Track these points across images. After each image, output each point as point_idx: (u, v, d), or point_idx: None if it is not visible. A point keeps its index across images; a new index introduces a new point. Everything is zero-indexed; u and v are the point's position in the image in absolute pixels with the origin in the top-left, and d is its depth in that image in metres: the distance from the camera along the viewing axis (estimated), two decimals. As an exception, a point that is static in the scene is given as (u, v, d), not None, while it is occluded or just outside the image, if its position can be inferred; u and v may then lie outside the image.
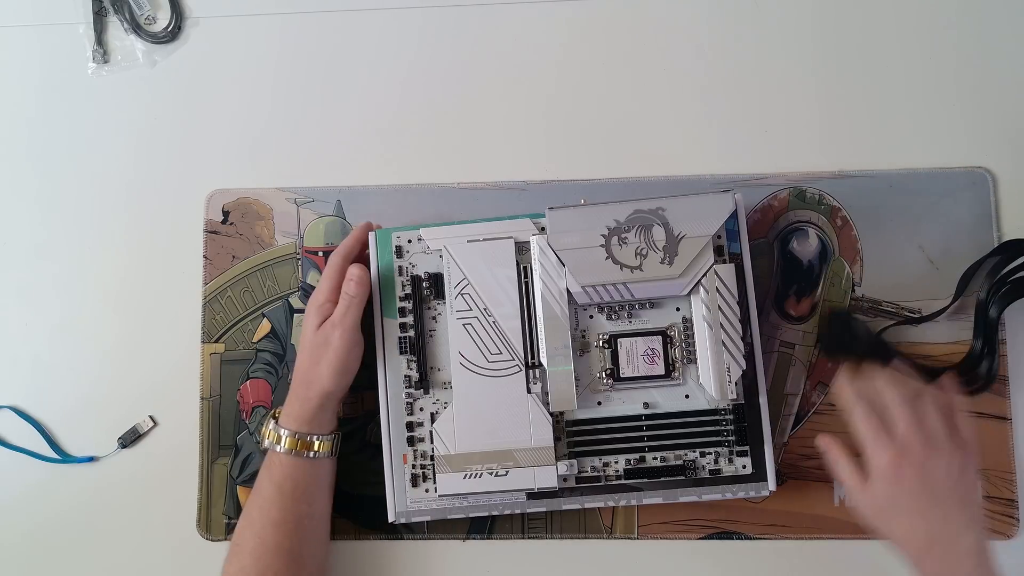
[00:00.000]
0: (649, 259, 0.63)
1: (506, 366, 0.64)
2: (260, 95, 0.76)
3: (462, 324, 0.65)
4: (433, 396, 0.65)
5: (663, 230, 0.63)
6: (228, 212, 0.74)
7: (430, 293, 0.66)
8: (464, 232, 0.66)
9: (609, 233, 0.63)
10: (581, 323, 0.65)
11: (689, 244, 0.63)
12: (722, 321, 0.63)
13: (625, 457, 0.64)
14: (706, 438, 0.64)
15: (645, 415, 0.64)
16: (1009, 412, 0.69)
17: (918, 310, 0.70)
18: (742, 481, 0.64)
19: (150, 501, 0.72)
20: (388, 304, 0.66)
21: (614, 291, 0.64)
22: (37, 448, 0.73)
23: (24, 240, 0.75)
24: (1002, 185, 0.71)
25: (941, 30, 0.74)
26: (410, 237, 0.67)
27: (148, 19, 0.76)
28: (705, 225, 0.63)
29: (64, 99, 0.76)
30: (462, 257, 0.65)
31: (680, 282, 0.63)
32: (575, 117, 0.74)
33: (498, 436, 0.64)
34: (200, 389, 0.72)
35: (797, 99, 0.74)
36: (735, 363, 0.63)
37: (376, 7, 0.76)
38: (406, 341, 0.65)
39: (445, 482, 0.64)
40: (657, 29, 0.75)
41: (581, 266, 0.63)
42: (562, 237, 0.64)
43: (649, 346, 0.64)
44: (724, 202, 0.64)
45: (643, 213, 0.63)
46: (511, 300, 0.65)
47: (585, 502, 0.65)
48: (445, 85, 0.75)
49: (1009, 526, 0.69)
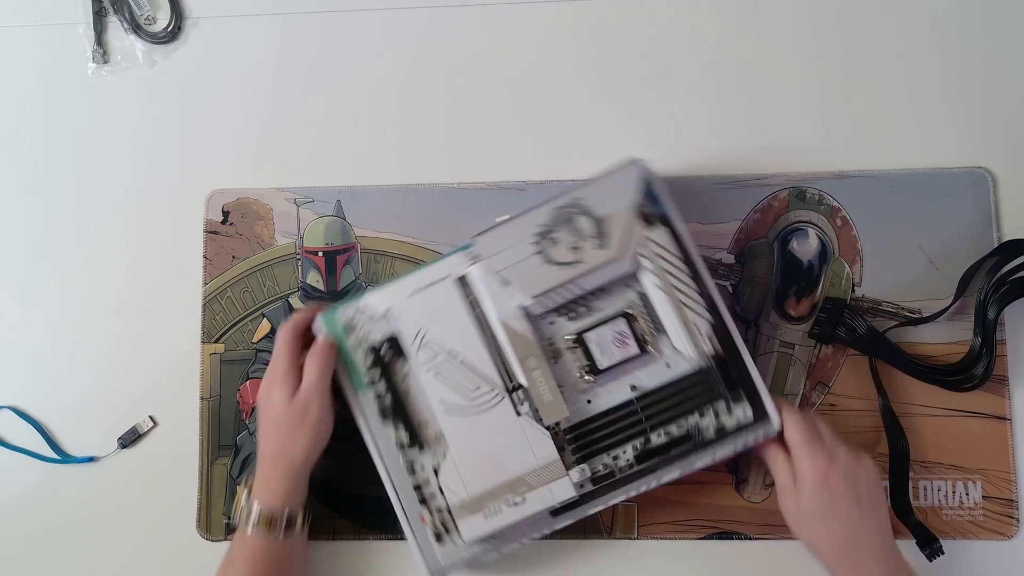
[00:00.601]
0: (585, 249, 0.63)
1: (489, 398, 0.63)
2: (260, 95, 0.76)
3: (433, 374, 0.64)
4: (429, 450, 0.64)
5: (586, 218, 0.63)
6: (228, 212, 0.74)
7: (392, 355, 0.65)
8: (402, 288, 0.65)
9: (539, 239, 0.63)
10: (545, 332, 0.65)
11: (615, 223, 0.63)
12: (674, 283, 0.63)
13: (631, 444, 0.63)
14: (700, 399, 0.63)
15: (635, 398, 0.64)
16: (1009, 412, 0.69)
17: (918, 310, 0.70)
18: (748, 428, 0.63)
19: (150, 501, 0.72)
20: (355, 379, 0.65)
21: (564, 291, 0.63)
22: (37, 448, 0.73)
23: (24, 240, 0.75)
24: (1002, 185, 0.71)
25: (941, 30, 0.74)
26: (353, 311, 0.65)
27: (148, 19, 0.76)
28: (622, 200, 0.63)
29: (64, 99, 0.76)
30: (409, 312, 0.64)
31: (622, 261, 0.63)
32: (575, 117, 0.74)
33: (504, 467, 0.63)
34: (200, 389, 0.72)
35: (797, 99, 0.74)
36: (700, 318, 0.63)
37: (376, 7, 0.76)
38: (386, 408, 0.64)
39: (468, 527, 0.63)
40: (657, 29, 0.75)
41: (525, 279, 0.63)
42: (497, 259, 0.63)
43: (615, 331, 0.64)
44: (630, 172, 0.64)
45: (563, 209, 0.63)
46: (471, 335, 0.64)
47: (609, 500, 0.64)
48: (445, 85, 0.75)
49: (1009, 526, 0.69)
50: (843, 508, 0.60)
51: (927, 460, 0.69)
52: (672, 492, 0.70)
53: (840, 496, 0.60)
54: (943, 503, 0.69)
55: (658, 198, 0.64)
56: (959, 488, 0.69)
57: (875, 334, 0.68)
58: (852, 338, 0.69)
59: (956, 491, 0.69)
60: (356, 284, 0.73)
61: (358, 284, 0.73)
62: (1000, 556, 0.69)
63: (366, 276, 0.73)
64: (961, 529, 0.69)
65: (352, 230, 0.73)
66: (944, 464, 0.69)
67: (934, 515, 0.69)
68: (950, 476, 0.69)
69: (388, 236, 0.73)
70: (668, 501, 0.70)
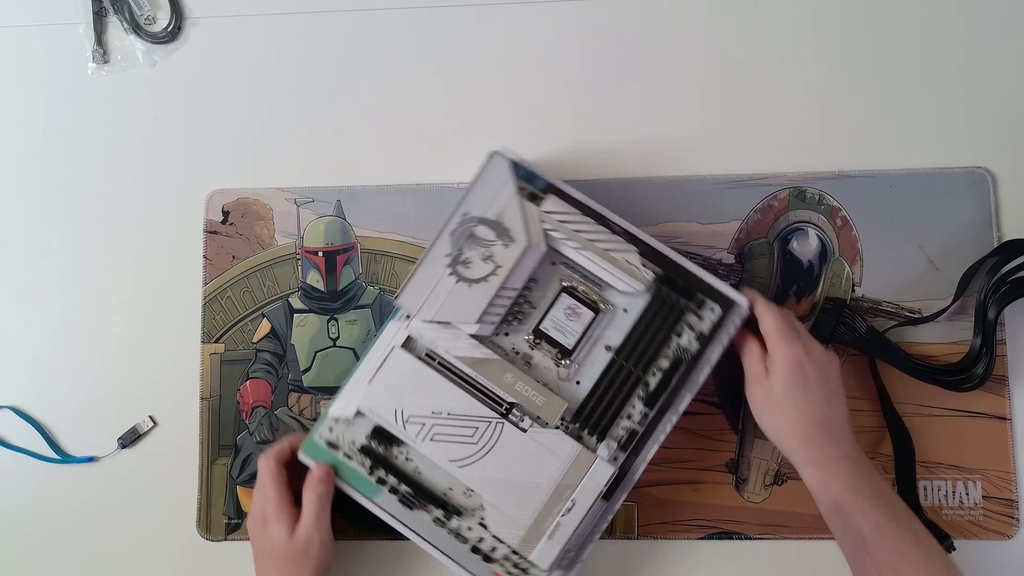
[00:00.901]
0: (497, 254, 0.63)
1: (491, 432, 0.63)
2: (260, 95, 0.76)
3: (430, 441, 0.63)
4: (467, 511, 0.64)
5: (482, 226, 0.64)
6: (228, 212, 0.74)
7: (385, 446, 0.64)
8: (358, 382, 0.64)
9: (452, 268, 0.63)
10: (505, 346, 0.65)
11: (509, 216, 0.64)
12: (588, 237, 0.64)
13: (635, 396, 0.64)
14: (669, 322, 0.64)
15: (615, 355, 0.64)
16: (1009, 412, 0.69)
17: (918, 310, 0.70)
18: (722, 322, 0.63)
19: (150, 501, 0.72)
20: (365, 487, 0.64)
21: (500, 301, 0.64)
22: (37, 448, 0.73)
23: (24, 240, 0.75)
24: (1002, 185, 0.71)
25: (941, 30, 0.74)
26: (327, 428, 0.64)
27: (148, 19, 0.76)
28: (504, 192, 0.64)
29: (64, 99, 0.76)
30: (376, 399, 0.64)
31: (534, 246, 0.64)
32: (574, 117, 0.74)
33: (540, 484, 0.63)
34: (200, 389, 0.72)
35: (797, 99, 0.74)
36: (626, 253, 0.64)
37: (376, 7, 0.76)
38: (407, 497, 0.64)
39: (540, 556, 0.62)
40: (657, 29, 0.75)
41: (461, 311, 0.63)
42: (426, 308, 0.63)
43: (564, 308, 0.65)
44: (497, 164, 0.65)
45: (457, 229, 0.64)
46: (443, 387, 0.63)
47: (647, 455, 0.63)
48: (445, 85, 0.75)
49: (1009, 526, 0.69)
50: (814, 394, 0.61)
51: (927, 460, 0.69)
52: (672, 492, 0.70)
53: (812, 383, 0.61)
54: (943, 503, 0.69)
55: (533, 173, 0.65)
56: (959, 488, 0.69)
57: (875, 334, 0.68)
58: (852, 338, 0.69)
59: (956, 491, 0.69)
60: (356, 284, 0.73)
61: (358, 284, 0.73)
62: (1000, 556, 0.69)
63: (366, 276, 0.73)
64: (961, 529, 0.69)
65: (352, 230, 0.74)
66: (944, 464, 0.69)
67: (934, 515, 0.69)
68: (950, 476, 0.69)
69: (388, 236, 0.73)
70: (668, 501, 0.70)
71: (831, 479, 0.60)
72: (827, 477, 0.61)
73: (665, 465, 0.70)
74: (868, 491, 0.60)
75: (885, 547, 0.59)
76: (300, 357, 0.73)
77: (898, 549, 0.59)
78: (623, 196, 0.72)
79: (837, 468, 0.60)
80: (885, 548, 0.59)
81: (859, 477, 0.60)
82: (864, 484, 0.60)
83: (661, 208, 0.72)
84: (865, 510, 0.59)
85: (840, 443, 0.61)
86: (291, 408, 0.72)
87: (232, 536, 0.71)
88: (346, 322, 0.73)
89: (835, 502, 0.60)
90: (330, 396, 0.72)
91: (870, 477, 0.61)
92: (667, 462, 0.70)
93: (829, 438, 0.61)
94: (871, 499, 0.59)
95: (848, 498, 0.60)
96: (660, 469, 0.69)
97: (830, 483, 0.60)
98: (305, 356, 0.73)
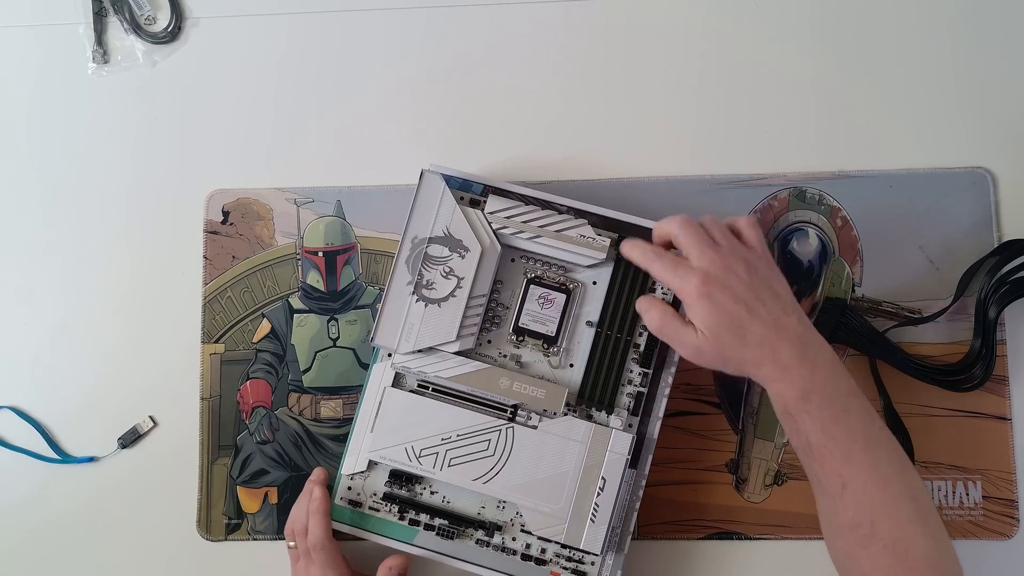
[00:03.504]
0: (455, 268, 0.64)
1: (503, 439, 0.64)
2: (260, 95, 0.76)
3: (448, 467, 0.64)
4: (506, 525, 0.64)
5: (433, 245, 0.65)
6: (228, 212, 0.74)
7: (407, 486, 0.65)
8: (359, 435, 0.65)
9: (417, 293, 0.64)
10: (491, 351, 0.66)
11: (457, 228, 0.65)
12: (538, 224, 0.65)
13: (629, 361, 0.65)
14: (639, 281, 0.65)
15: (598, 329, 0.65)
16: (1009, 412, 0.69)
17: (918, 310, 0.70)
18: None
19: (150, 501, 0.72)
20: (401, 533, 0.65)
21: (473, 312, 0.64)
22: (37, 448, 0.73)
23: (24, 240, 0.75)
24: (1002, 185, 0.71)
25: (941, 30, 0.74)
26: (346, 488, 0.66)
27: (148, 19, 0.76)
28: (444, 207, 0.65)
29: (64, 99, 0.76)
30: (383, 444, 0.64)
31: (490, 249, 0.65)
32: (574, 117, 0.74)
33: (567, 474, 0.63)
34: (200, 389, 0.72)
35: (797, 99, 0.74)
36: (578, 227, 0.65)
37: (377, 7, 0.76)
38: (444, 529, 0.64)
39: (590, 543, 0.63)
40: (657, 29, 0.75)
41: (439, 334, 0.64)
42: (404, 341, 0.64)
43: (536, 299, 0.66)
44: (431, 181, 0.66)
45: (411, 255, 0.65)
46: (443, 411, 0.64)
47: (659, 412, 0.64)
48: (446, 85, 0.75)
49: (1009, 526, 0.69)
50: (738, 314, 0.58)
51: (927, 460, 0.69)
52: (672, 492, 0.70)
53: (728, 304, 0.58)
54: (943, 503, 0.69)
55: (468, 181, 0.66)
56: (959, 488, 0.69)
57: (875, 334, 0.68)
58: (852, 338, 0.69)
59: (956, 491, 0.69)
60: (356, 284, 0.73)
61: (358, 284, 0.73)
62: (1000, 556, 0.69)
63: (366, 276, 0.73)
64: (961, 529, 0.69)
65: (352, 230, 0.74)
66: (944, 464, 0.69)
67: (934, 515, 0.69)
68: (950, 476, 0.69)
69: (388, 236, 0.73)
70: (668, 501, 0.70)
71: (784, 388, 0.58)
72: (781, 388, 0.58)
73: (665, 465, 0.70)
74: (818, 397, 0.57)
75: (830, 452, 0.56)
76: (300, 357, 0.73)
77: (844, 455, 0.56)
78: (623, 196, 0.72)
79: (790, 378, 0.57)
80: (830, 453, 0.56)
81: (812, 383, 0.57)
82: (816, 390, 0.57)
83: (661, 208, 0.72)
84: (813, 414, 0.57)
85: (788, 337, 0.57)
86: (291, 408, 0.72)
87: (232, 536, 0.71)
88: (346, 322, 0.73)
89: (784, 408, 0.58)
90: (330, 396, 0.72)
91: (824, 378, 0.57)
92: (667, 462, 0.70)
93: (778, 339, 0.57)
94: (820, 404, 0.57)
95: (798, 405, 0.57)
96: (660, 469, 0.69)
97: (783, 392, 0.58)
98: (305, 356, 0.73)
